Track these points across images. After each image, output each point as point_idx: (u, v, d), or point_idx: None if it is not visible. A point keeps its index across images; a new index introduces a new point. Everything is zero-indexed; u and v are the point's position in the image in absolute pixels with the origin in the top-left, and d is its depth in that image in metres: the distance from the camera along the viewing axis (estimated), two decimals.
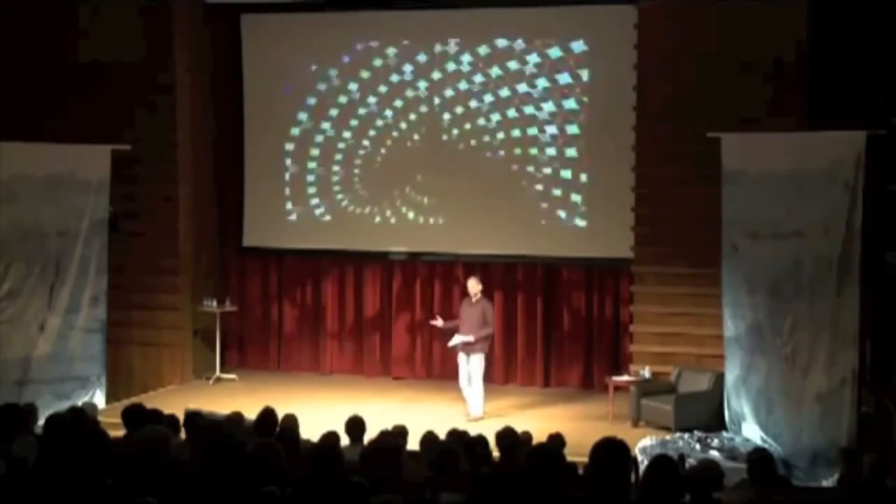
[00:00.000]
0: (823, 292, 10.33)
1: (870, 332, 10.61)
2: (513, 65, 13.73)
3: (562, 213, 13.68)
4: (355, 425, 8.11)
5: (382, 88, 14.20)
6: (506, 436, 7.81)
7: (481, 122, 13.87)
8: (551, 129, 13.64)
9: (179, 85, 13.80)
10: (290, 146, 14.59)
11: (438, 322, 12.52)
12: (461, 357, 12.12)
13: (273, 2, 14.26)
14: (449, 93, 13.98)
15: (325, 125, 14.43)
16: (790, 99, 12.01)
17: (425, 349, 14.23)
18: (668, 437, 11.07)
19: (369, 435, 7.92)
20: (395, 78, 14.16)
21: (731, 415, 11.39)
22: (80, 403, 10.65)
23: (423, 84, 14.08)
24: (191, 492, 5.53)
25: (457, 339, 12.08)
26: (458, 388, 12.25)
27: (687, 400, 11.64)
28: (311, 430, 8.07)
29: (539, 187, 13.71)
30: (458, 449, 7.15)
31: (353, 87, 14.29)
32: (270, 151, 14.63)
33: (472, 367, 12.00)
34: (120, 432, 7.61)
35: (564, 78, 13.56)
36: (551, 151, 13.65)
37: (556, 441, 8.10)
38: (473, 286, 12.21)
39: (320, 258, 14.73)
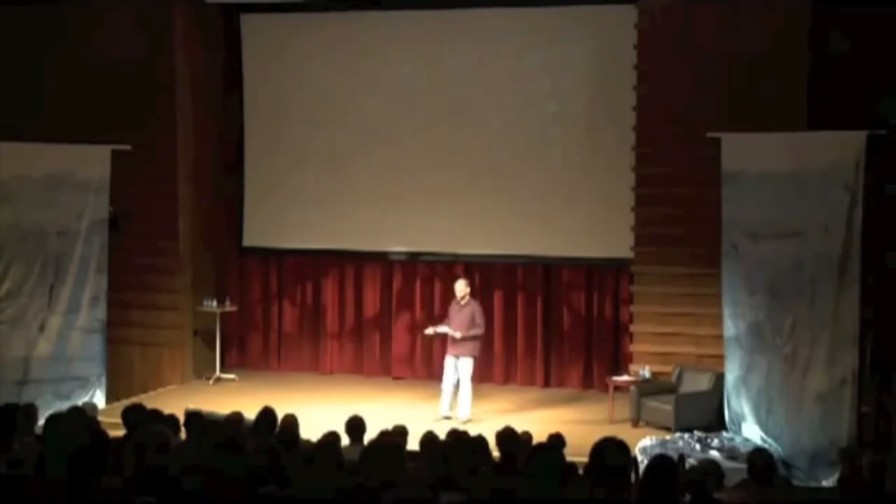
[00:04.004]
0: (823, 292, 10.35)
1: (870, 332, 10.61)
2: (513, 65, 13.72)
3: (562, 213, 13.66)
4: (355, 425, 8.12)
5: (382, 88, 14.19)
6: (506, 436, 7.80)
7: (481, 122, 13.85)
8: (551, 130, 13.63)
9: (179, 85, 13.79)
10: (290, 146, 14.58)
11: (430, 330, 12.27)
12: (449, 360, 11.95)
13: (273, 2, 14.25)
14: (449, 93, 13.96)
15: (325, 125, 14.41)
16: (790, 99, 12.00)
17: (425, 349, 14.20)
18: (668, 437, 11.07)
19: (369, 435, 7.92)
20: (395, 78, 14.13)
21: (731, 415, 11.38)
22: (80, 403, 10.65)
23: (423, 84, 14.06)
24: (191, 492, 5.53)
25: (442, 328, 11.96)
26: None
27: (687, 400, 11.64)
28: (311, 430, 8.08)
29: (539, 187, 13.69)
30: (458, 449, 7.15)
31: (352, 86, 14.26)
32: (270, 151, 14.62)
33: (461, 371, 11.85)
34: (120, 432, 7.61)
35: (564, 78, 13.55)
36: (551, 151, 13.64)
37: (556, 441, 8.10)
38: (462, 289, 12.07)
39: (320, 258, 14.72)
